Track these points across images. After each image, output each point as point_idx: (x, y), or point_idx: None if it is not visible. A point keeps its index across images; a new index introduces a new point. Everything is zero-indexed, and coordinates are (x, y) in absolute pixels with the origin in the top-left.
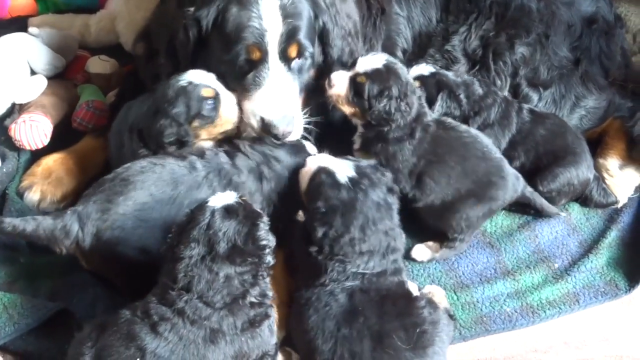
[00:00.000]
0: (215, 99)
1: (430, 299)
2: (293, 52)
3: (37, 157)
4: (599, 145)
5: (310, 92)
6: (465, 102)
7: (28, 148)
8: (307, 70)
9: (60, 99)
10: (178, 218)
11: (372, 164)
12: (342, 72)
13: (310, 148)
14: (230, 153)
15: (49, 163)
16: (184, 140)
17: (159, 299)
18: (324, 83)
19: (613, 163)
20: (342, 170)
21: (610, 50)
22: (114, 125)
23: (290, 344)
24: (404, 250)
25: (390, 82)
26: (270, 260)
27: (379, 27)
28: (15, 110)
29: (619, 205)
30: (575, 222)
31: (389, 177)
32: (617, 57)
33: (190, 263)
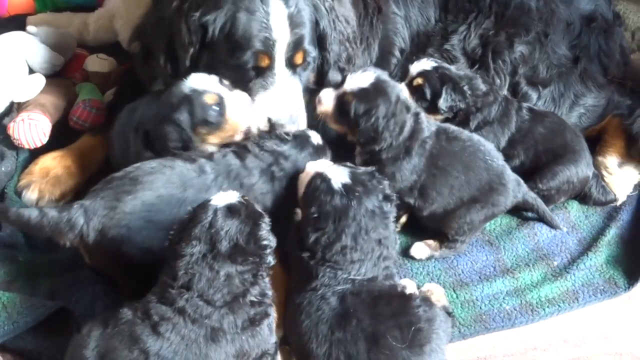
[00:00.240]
0: (220, 105)
1: (425, 297)
2: (299, 59)
3: (35, 156)
4: (598, 143)
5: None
6: (470, 94)
7: (27, 147)
8: (309, 71)
9: (59, 98)
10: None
11: (369, 171)
12: (330, 90)
13: (315, 137)
14: (239, 154)
15: (47, 162)
16: (188, 145)
17: (159, 298)
18: (315, 100)
19: (612, 161)
20: (337, 177)
21: (609, 48)
22: (117, 127)
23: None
24: (404, 248)
25: (378, 101)
26: (271, 261)
27: (376, 26)
28: (14, 109)
29: (618, 203)
30: (575, 220)
31: (386, 184)
32: (616, 55)
33: (191, 261)
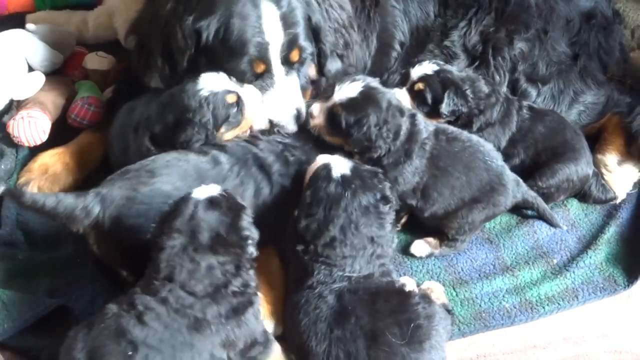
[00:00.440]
0: (239, 103)
1: (424, 294)
2: (295, 57)
3: (35, 153)
4: (598, 141)
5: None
6: (472, 97)
7: (26, 145)
8: (307, 65)
9: (58, 96)
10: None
11: (373, 169)
12: (319, 103)
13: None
14: (252, 142)
15: (46, 159)
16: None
17: (143, 289)
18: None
19: (612, 159)
20: (339, 167)
21: (609, 46)
22: (116, 127)
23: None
24: (404, 246)
25: (368, 110)
26: (253, 252)
27: (373, 18)
28: (13, 107)
29: (618, 201)
30: (574, 218)
31: (387, 185)
32: (615, 52)
33: (172, 253)
